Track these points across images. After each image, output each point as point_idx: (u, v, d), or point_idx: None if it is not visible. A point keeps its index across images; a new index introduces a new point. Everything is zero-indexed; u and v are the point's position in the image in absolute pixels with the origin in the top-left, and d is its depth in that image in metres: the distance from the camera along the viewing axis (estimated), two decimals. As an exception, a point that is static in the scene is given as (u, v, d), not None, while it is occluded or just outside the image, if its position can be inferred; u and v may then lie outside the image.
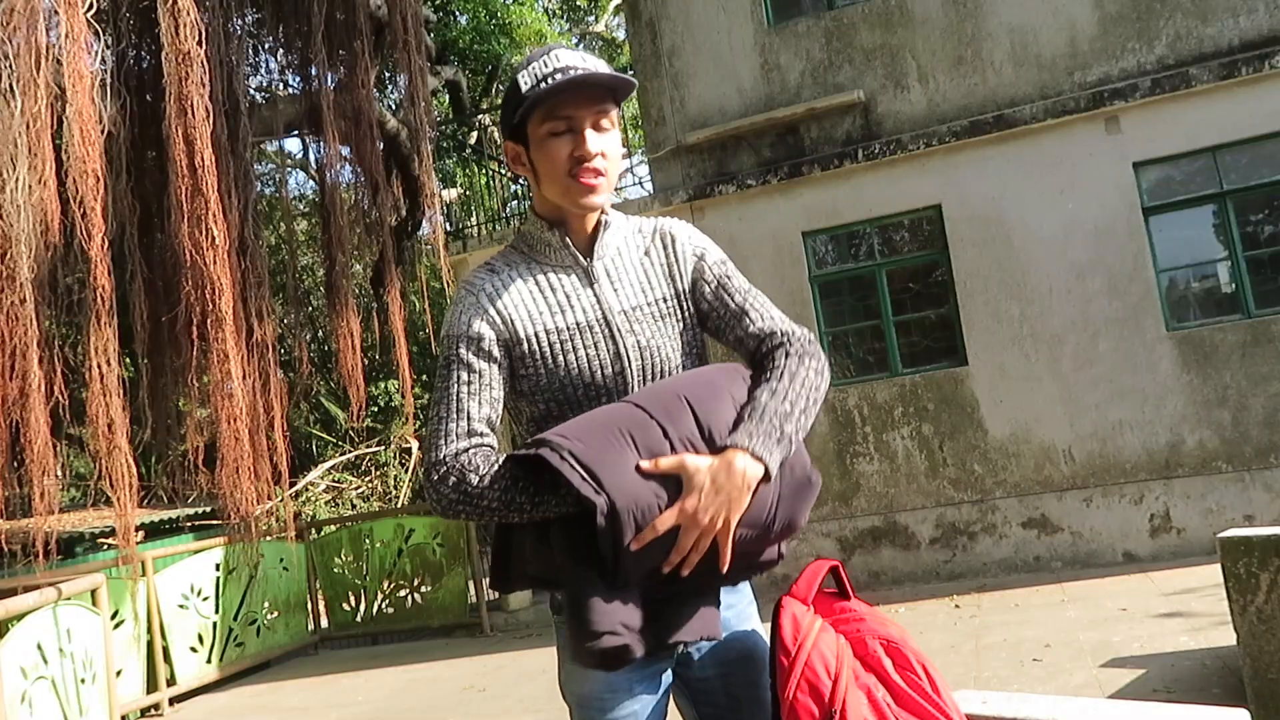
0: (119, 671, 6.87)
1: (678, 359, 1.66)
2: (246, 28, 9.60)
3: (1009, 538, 7.73)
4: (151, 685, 7.46)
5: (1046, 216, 7.71)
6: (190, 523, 9.85)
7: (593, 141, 1.59)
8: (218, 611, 8.24)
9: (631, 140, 15.34)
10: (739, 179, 8.43)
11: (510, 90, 1.64)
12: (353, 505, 14.17)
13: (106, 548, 8.63)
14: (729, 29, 8.62)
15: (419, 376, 15.50)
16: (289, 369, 14.82)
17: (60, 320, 7.65)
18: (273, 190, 16.51)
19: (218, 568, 8.33)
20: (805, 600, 1.55)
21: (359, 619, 9.25)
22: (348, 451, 15.09)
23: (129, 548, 7.08)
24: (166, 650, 7.65)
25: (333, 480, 14.54)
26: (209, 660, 8.07)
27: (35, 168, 6.31)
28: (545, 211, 1.68)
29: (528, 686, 6.33)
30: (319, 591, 9.44)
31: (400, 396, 14.47)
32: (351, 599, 9.33)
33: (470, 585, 8.93)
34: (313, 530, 10.04)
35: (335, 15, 8.47)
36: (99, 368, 6.53)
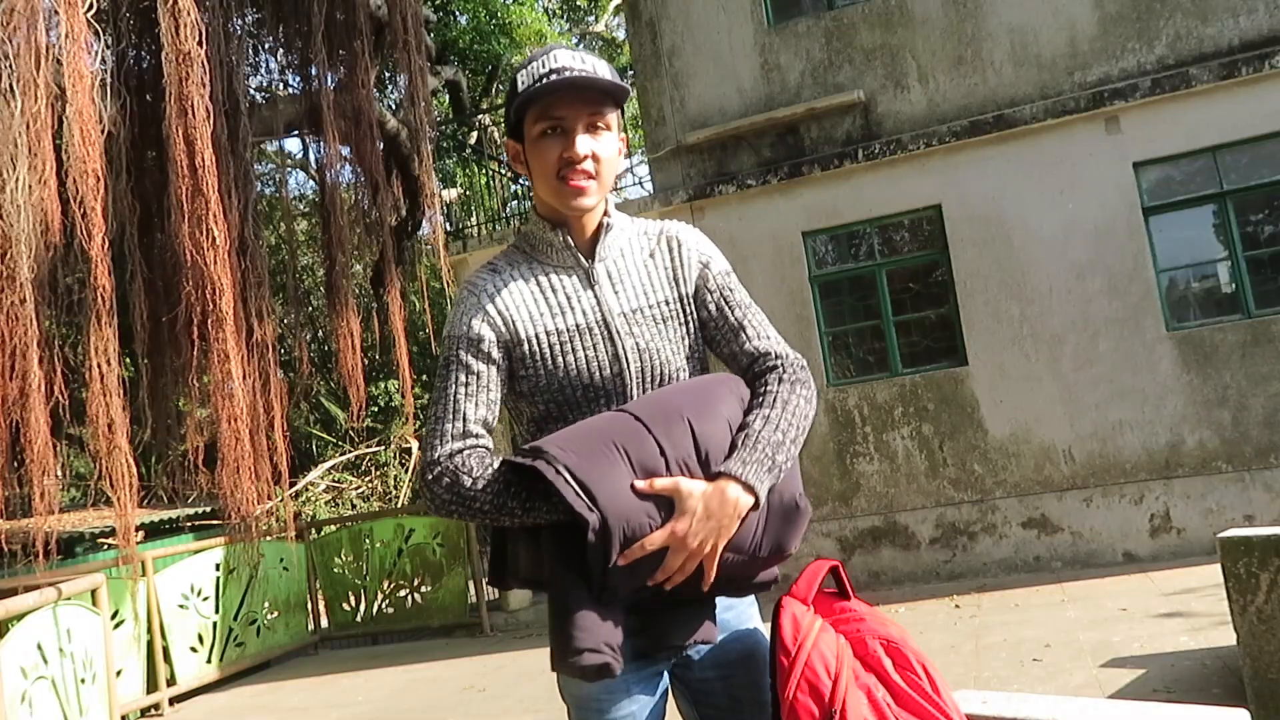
0: (119, 671, 6.87)
1: (678, 362, 1.66)
2: (246, 28, 9.61)
3: (1009, 538, 7.73)
4: (151, 685, 7.47)
5: (1046, 216, 7.71)
6: (190, 523, 9.85)
7: (582, 144, 1.58)
8: (218, 611, 8.23)
9: (631, 140, 15.33)
10: (739, 179, 8.43)
11: (510, 88, 1.64)
12: (353, 505, 14.17)
13: (106, 548, 8.63)
14: (729, 29, 8.62)
15: (419, 376, 15.50)
16: (289, 369, 14.83)
17: (60, 320, 7.64)
18: (273, 190, 16.52)
19: (218, 568, 8.33)
20: (805, 600, 1.55)
21: (359, 619, 9.25)
22: (348, 451, 15.09)
23: (129, 548, 7.08)
24: (166, 650, 7.66)
25: (333, 480, 14.54)
26: (209, 660, 8.07)
27: (35, 168, 6.31)
28: (547, 212, 1.67)
29: (528, 686, 6.33)
30: (319, 591, 9.44)
31: (400, 396, 14.47)
32: (351, 599, 9.33)
33: (470, 585, 8.93)
34: (313, 530, 10.04)
35: (335, 15, 8.48)
36: (99, 368, 6.53)
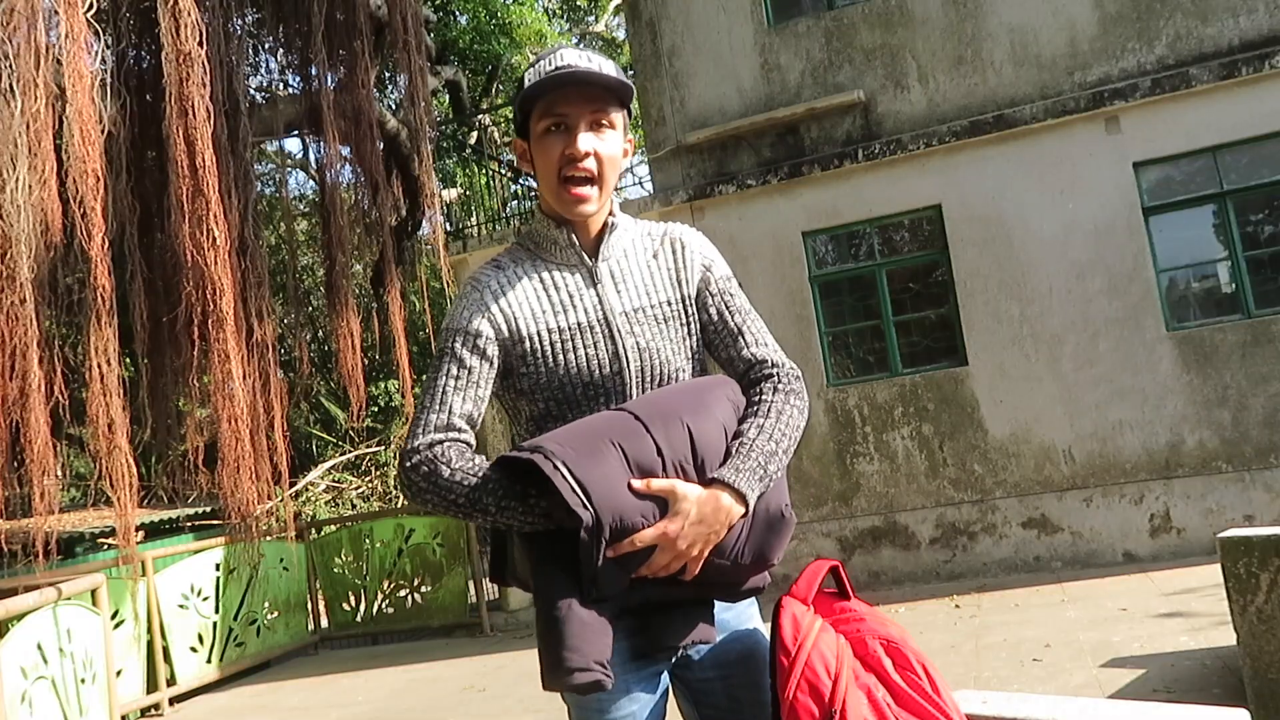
0: (119, 671, 6.87)
1: (678, 363, 1.67)
2: (246, 28, 9.61)
3: (1009, 538, 7.73)
4: (151, 685, 7.46)
5: (1046, 216, 7.71)
6: (190, 523, 9.85)
7: (584, 141, 1.59)
8: (218, 611, 8.23)
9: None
10: (739, 179, 8.43)
11: (517, 87, 1.65)
12: (353, 505, 14.18)
13: (106, 548, 8.63)
14: (729, 29, 8.62)
15: (419, 376, 15.48)
16: (289, 369, 14.83)
17: (60, 320, 7.64)
18: (273, 190, 16.51)
19: (218, 568, 8.33)
20: (805, 600, 1.55)
21: (359, 619, 9.25)
22: (348, 451, 15.09)
23: (129, 548, 7.07)
24: (166, 650, 7.65)
25: (333, 480, 14.54)
26: (209, 660, 8.07)
27: (35, 168, 6.31)
28: (552, 210, 1.68)
29: (528, 686, 6.33)
30: (319, 591, 9.44)
31: (400, 396, 14.47)
32: (351, 599, 9.33)
33: (470, 585, 8.93)
34: (313, 530, 10.04)
35: (335, 15, 8.48)
36: (99, 368, 6.53)
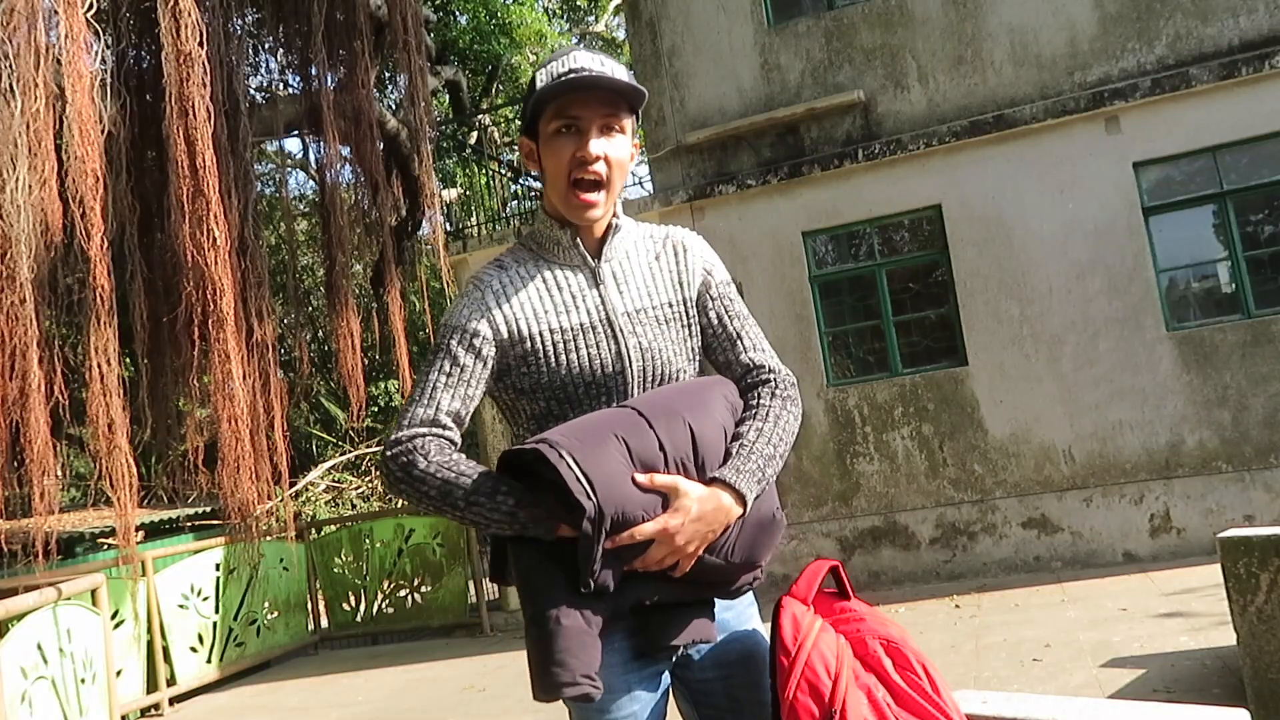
0: (119, 671, 6.87)
1: (679, 363, 1.69)
2: (246, 28, 9.60)
3: (1009, 538, 7.73)
4: (151, 685, 7.46)
5: (1046, 216, 7.70)
6: (190, 523, 9.85)
7: (595, 144, 1.60)
8: (218, 611, 8.23)
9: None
10: (739, 179, 8.43)
11: (529, 87, 1.66)
12: (353, 505, 14.17)
13: (106, 548, 8.63)
14: (729, 29, 8.62)
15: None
16: (289, 369, 14.83)
17: (60, 320, 7.64)
18: (273, 190, 16.51)
19: (218, 568, 8.33)
20: (805, 600, 1.55)
21: (359, 619, 9.25)
22: (348, 451, 15.09)
23: (129, 548, 7.07)
24: (166, 650, 7.65)
25: (333, 480, 14.54)
26: (209, 660, 8.07)
27: (35, 168, 6.31)
28: (556, 211, 1.69)
29: (527, 686, 6.31)
30: (319, 591, 9.44)
31: (400, 396, 14.47)
32: (351, 599, 9.33)
33: (470, 585, 8.93)
34: (313, 530, 10.03)
35: (335, 15, 8.47)
36: (99, 368, 6.53)
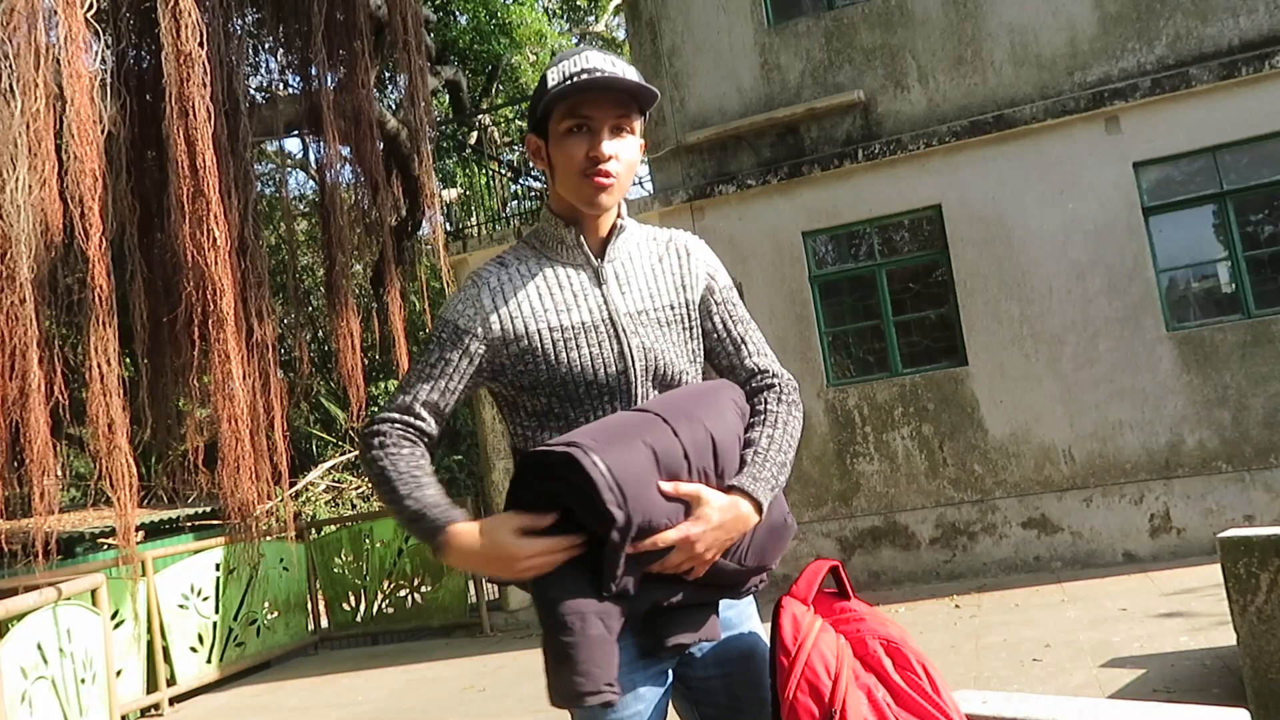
0: (119, 671, 6.87)
1: (681, 364, 1.70)
2: (246, 28, 9.60)
3: (1009, 538, 7.73)
4: (151, 685, 7.46)
5: (1046, 216, 7.70)
6: (190, 523, 9.85)
7: (608, 144, 1.61)
8: (218, 611, 8.23)
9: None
10: (739, 179, 8.43)
11: (538, 85, 1.67)
12: (353, 505, 14.18)
13: (106, 548, 8.63)
14: (729, 29, 8.62)
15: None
16: (289, 369, 14.82)
17: (60, 320, 7.64)
18: (273, 190, 16.50)
19: (218, 568, 8.33)
20: (805, 600, 1.55)
21: (359, 619, 9.25)
22: (348, 451, 15.09)
23: (129, 548, 7.07)
24: (166, 650, 7.65)
25: (333, 480, 14.55)
26: (209, 660, 8.06)
27: (35, 168, 6.31)
28: (561, 209, 1.70)
29: (528, 686, 6.33)
30: (319, 591, 9.43)
31: (400, 396, 14.40)
32: (351, 599, 9.33)
33: (470, 585, 8.93)
34: (313, 530, 10.03)
35: (335, 15, 8.47)
36: (99, 368, 6.53)
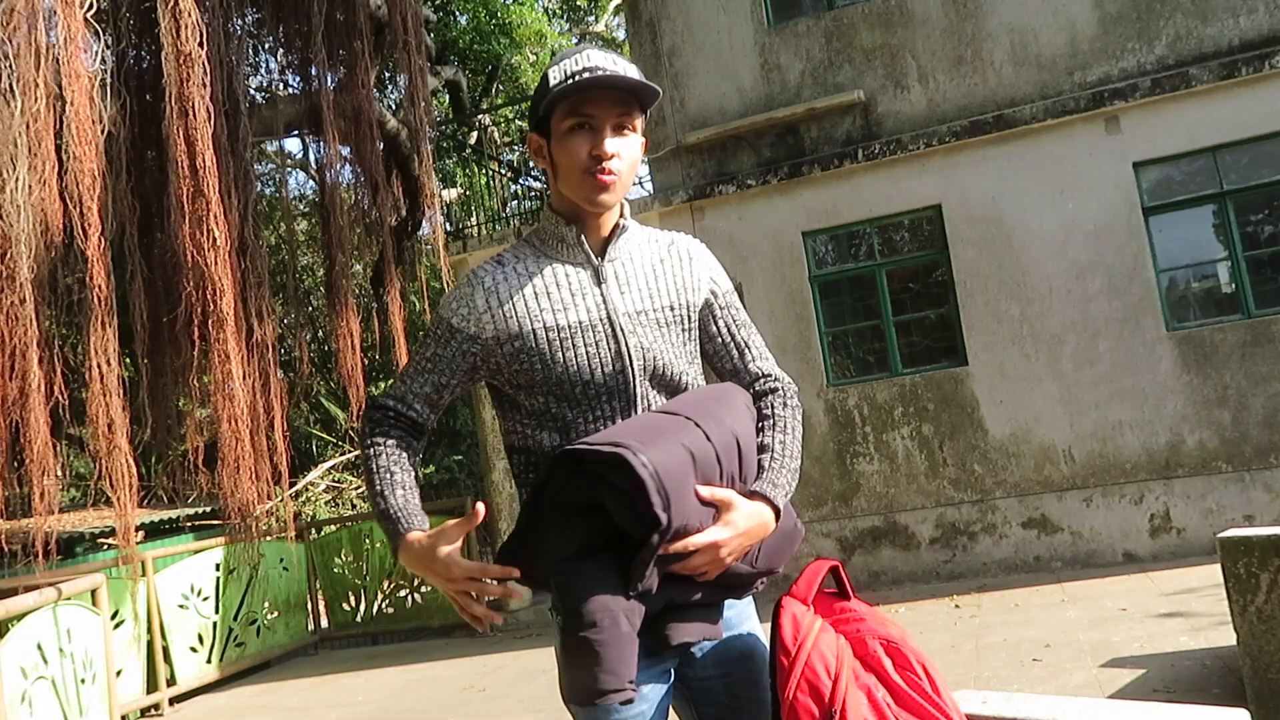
0: (119, 671, 6.87)
1: (680, 365, 1.70)
2: (246, 28, 9.60)
3: (1009, 538, 7.73)
4: (151, 685, 7.46)
5: (1046, 216, 7.70)
6: (190, 523, 9.85)
7: (610, 142, 1.61)
8: (218, 611, 8.23)
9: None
10: (739, 179, 8.43)
11: (540, 84, 1.67)
12: (353, 505, 14.18)
13: (106, 548, 8.63)
14: (729, 29, 8.62)
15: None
16: (289, 369, 14.82)
17: (60, 320, 7.64)
18: (273, 190, 16.50)
19: (218, 568, 8.33)
20: (805, 600, 1.55)
21: (359, 619, 9.25)
22: (348, 451, 15.09)
23: (129, 548, 7.07)
24: (166, 650, 7.65)
25: (333, 480, 14.55)
26: (209, 660, 8.06)
27: (35, 168, 6.31)
28: (562, 208, 1.70)
29: (528, 686, 6.33)
30: (319, 591, 9.43)
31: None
32: (351, 599, 9.33)
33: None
34: (313, 530, 10.03)
35: (335, 15, 8.47)
36: (99, 368, 6.53)
